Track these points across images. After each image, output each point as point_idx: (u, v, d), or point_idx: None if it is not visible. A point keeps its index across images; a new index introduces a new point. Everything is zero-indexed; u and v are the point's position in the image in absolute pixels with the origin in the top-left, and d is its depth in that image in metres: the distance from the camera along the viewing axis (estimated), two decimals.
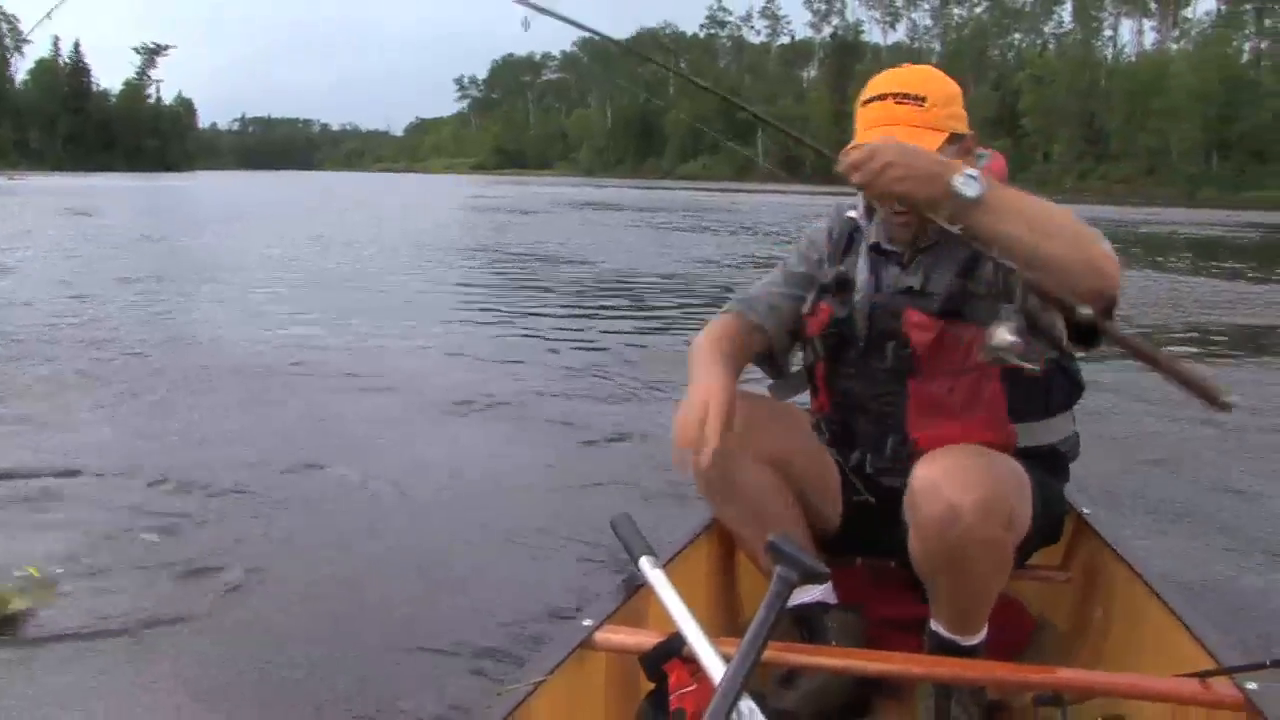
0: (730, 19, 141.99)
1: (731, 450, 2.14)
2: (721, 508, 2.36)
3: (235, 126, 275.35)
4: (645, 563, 2.01)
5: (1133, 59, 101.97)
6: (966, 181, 1.81)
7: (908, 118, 2.08)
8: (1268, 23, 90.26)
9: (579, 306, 11.62)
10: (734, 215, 34.29)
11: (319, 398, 6.52)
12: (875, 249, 2.27)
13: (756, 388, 2.43)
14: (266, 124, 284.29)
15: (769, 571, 1.66)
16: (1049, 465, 2.25)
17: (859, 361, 2.24)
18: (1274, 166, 74.11)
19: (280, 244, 19.05)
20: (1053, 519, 2.28)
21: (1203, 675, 1.85)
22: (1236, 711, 1.81)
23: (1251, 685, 1.80)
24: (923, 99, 2.09)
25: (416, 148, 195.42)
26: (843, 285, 2.28)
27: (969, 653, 2.07)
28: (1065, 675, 2.00)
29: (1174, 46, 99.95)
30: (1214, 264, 18.61)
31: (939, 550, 1.94)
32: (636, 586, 2.20)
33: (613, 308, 11.59)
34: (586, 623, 2.05)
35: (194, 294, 11.80)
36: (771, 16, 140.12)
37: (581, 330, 9.75)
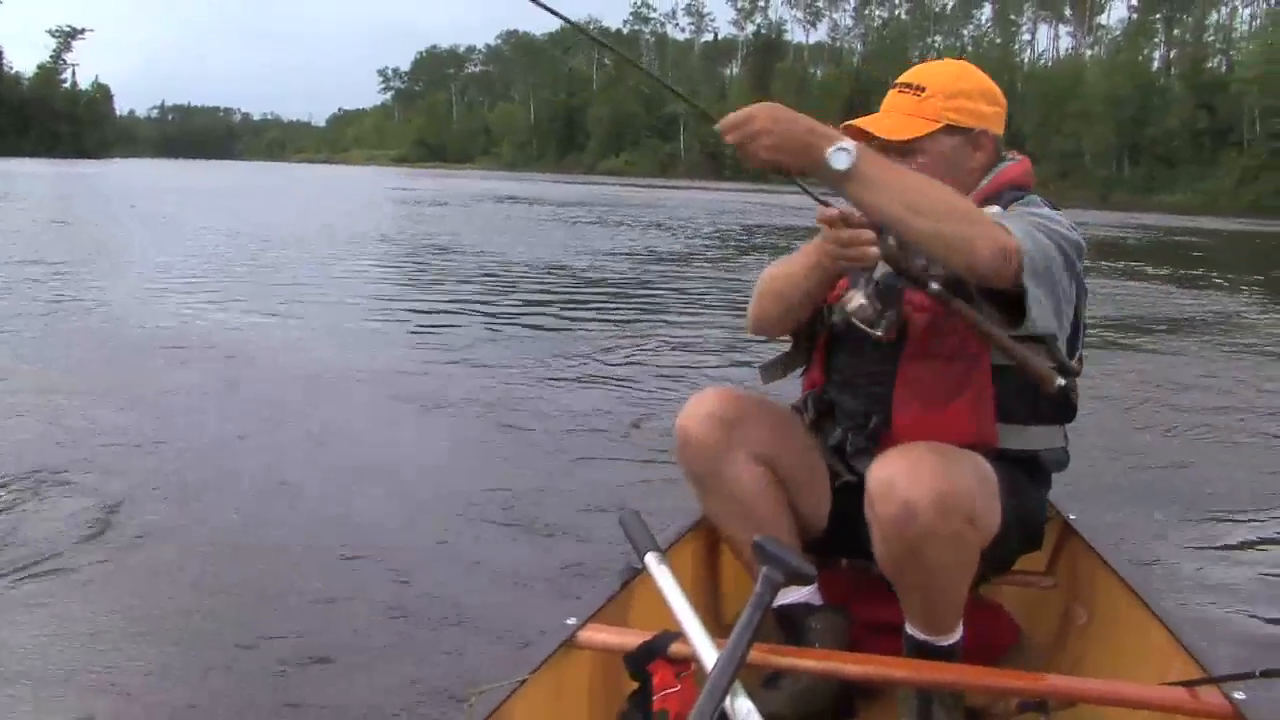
0: (654, 15, 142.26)
1: (723, 447, 2.21)
2: (708, 502, 2.34)
3: (154, 114, 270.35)
4: (651, 559, 1.96)
5: (1048, 64, 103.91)
6: (837, 154, 1.83)
7: (900, 106, 2.20)
8: (1176, 32, 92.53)
9: (464, 295, 11.87)
10: (650, 211, 34.20)
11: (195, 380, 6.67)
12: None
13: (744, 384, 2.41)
14: (186, 112, 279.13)
15: (754, 569, 1.65)
16: (1027, 471, 2.22)
17: (858, 336, 2.20)
18: (1182, 170, 76.05)
19: (186, 235, 18.72)
20: (1031, 524, 2.25)
21: (1190, 684, 1.82)
22: None
23: (1240, 695, 1.77)
24: (921, 89, 2.19)
25: (338, 139, 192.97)
26: None
27: (945, 653, 2.05)
28: (1050, 682, 1.98)
29: (1089, 52, 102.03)
30: (1104, 263, 19.15)
31: (900, 549, 1.93)
32: (622, 584, 2.20)
33: (502, 298, 11.88)
34: (570, 620, 2.02)
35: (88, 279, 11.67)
36: (695, 14, 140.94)
37: (467, 317, 10.11)
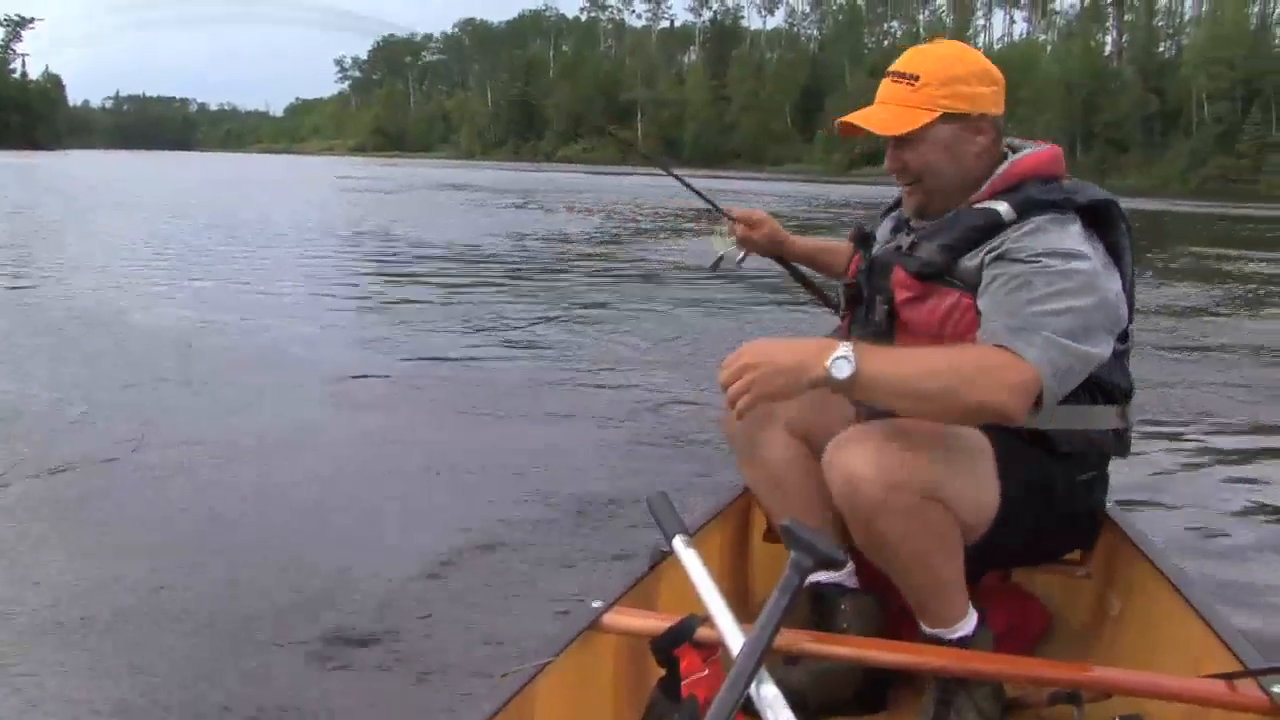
0: (611, 3, 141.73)
1: (760, 417, 2.20)
2: (745, 470, 2.40)
3: (109, 104, 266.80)
4: (679, 542, 1.95)
5: (1003, 49, 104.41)
6: (838, 364, 1.78)
7: (894, 97, 2.08)
8: (1128, 17, 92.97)
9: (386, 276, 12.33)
10: (593, 196, 34.23)
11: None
12: (907, 221, 2.25)
13: None
14: (142, 102, 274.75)
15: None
16: (1045, 451, 2.06)
17: (862, 315, 2.23)
18: (1134, 155, 76.67)
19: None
20: (1045, 507, 2.08)
21: (1227, 676, 1.79)
22: (1261, 715, 1.75)
23: (1277, 689, 1.74)
24: (915, 78, 2.06)
25: (296, 129, 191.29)
26: (863, 241, 2.34)
27: (959, 646, 1.99)
28: (1083, 672, 1.94)
29: (1042, 38, 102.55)
30: None
31: (855, 525, 1.92)
32: (649, 568, 2.21)
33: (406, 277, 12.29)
34: (595, 604, 2.01)
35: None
36: (653, 0, 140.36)
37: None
